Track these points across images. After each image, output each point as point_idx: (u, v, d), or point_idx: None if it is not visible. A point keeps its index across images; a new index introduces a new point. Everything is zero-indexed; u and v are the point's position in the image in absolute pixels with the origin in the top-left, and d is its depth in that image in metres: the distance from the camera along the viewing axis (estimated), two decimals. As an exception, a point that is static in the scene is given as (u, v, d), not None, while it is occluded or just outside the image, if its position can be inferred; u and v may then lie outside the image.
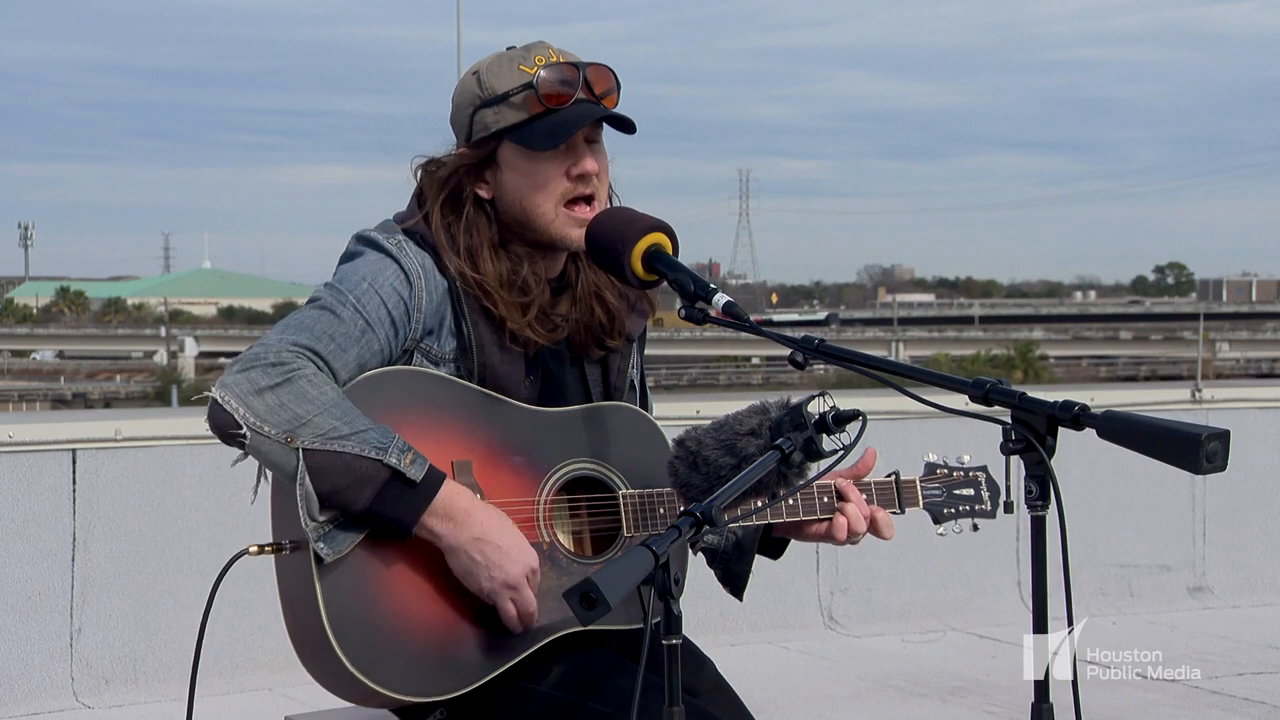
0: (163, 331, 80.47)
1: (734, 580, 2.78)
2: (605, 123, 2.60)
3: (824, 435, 2.27)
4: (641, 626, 2.56)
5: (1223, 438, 2.04)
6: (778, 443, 2.25)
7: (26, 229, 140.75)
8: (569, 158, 2.57)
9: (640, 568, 1.95)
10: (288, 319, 2.50)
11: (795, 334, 2.37)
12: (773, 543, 2.80)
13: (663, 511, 2.60)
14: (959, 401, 2.25)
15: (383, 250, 2.55)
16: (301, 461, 2.37)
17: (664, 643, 2.03)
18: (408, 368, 2.55)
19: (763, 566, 2.82)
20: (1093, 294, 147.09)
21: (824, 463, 2.27)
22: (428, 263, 2.55)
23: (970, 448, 2.93)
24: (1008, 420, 2.16)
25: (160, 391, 55.63)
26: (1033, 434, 2.13)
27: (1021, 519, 4.16)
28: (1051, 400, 2.14)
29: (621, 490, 2.61)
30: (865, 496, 2.72)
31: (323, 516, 2.39)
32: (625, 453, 2.64)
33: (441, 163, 2.63)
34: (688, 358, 68.06)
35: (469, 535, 2.43)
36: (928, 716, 5.11)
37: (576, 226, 2.58)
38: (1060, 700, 2.14)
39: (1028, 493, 2.14)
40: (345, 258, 2.60)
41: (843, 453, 2.26)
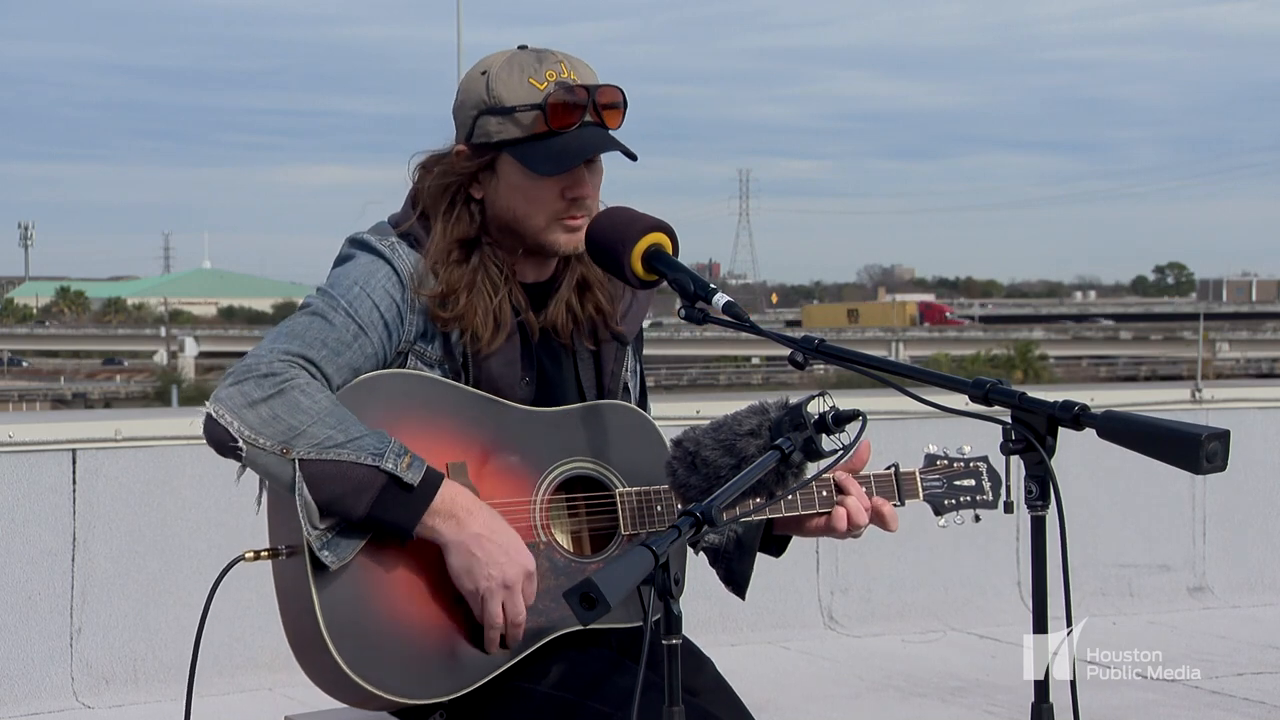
0: (163, 331, 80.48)
1: (736, 579, 2.78)
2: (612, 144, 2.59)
3: (824, 435, 2.27)
4: (641, 625, 2.56)
5: (1223, 438, 2.04)
6: (777, 443, 2.25)
7: (26, 229, 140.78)
8: (566, 180, 2.56)
9: (640, 568, 1.95)
10: (279, 327, 2.50)
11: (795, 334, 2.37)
12: (774, 540, 2.80)
13: (660, 509, 2.60)
14: (959, 401, 2.25)
15: (375, 252, 2.55)
16: (298, 472, 2.37)
17: (664, 642, 2.03)
18: (401, 370, 2.54)
19: (763, 566, 2.81)
20: (1093, 294, 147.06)
21: (823, 462, 2.27)
22: (421, 264, 2.55)
23: (971, 448, 2.92)
24: (1008, 420, 2.16)
25: (160, 391, 55.64)
26: (1033, 434, 2.13)
27: (1021, 519, 4.16)
28: (1051, 400, 2.14)
29: (618, 488, 2.61)
30: (865, 489, 2.72)
31: (324, 524, 2.39)
32: (622, 451, 2.64)
33: (439, 160, 2.63)
34: (687, 358, 68.05)
35: (471, 532, 2.43)
36: (928, 716, 5.11)
37: (565, 232, 2.58)
38: (1060, 700, 2.14)
39: (1028, 493, 2.14)
40: (338, 261, 2.60)
41: (842, 453, 2.26)
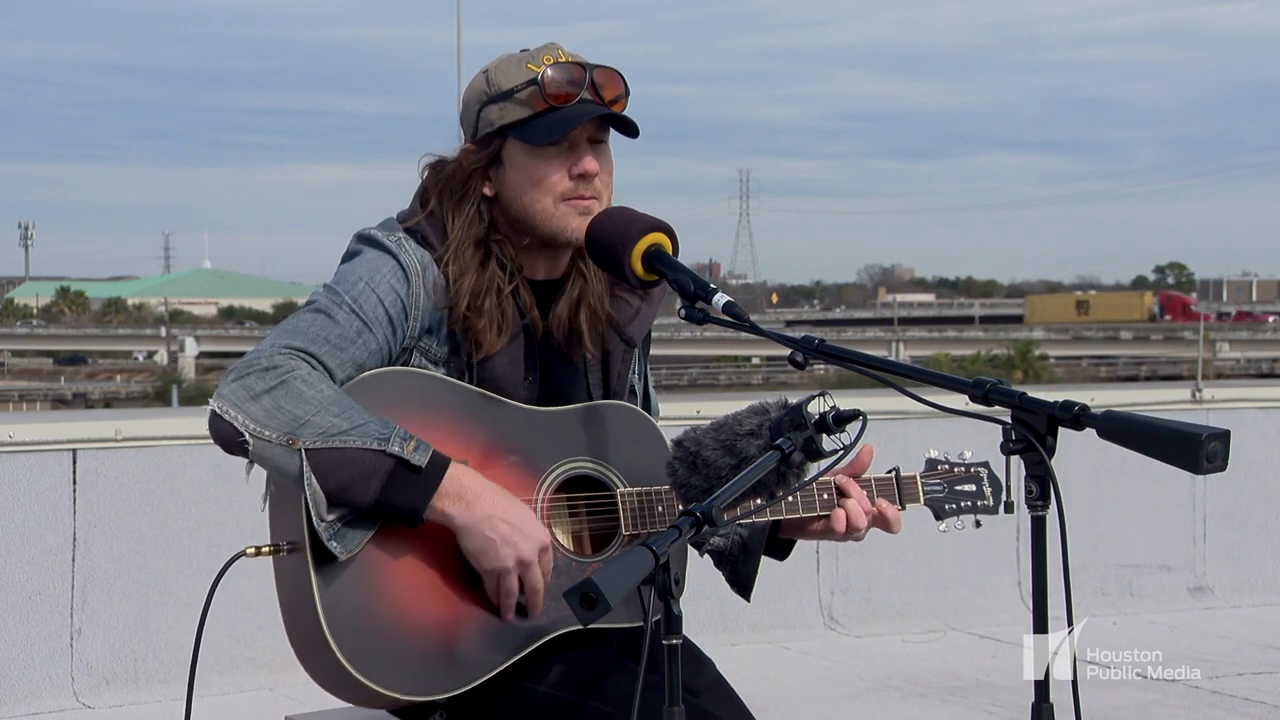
0: (163, 331, 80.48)
1: (741, 581, 2.78)
2: (608, 124, 2.60)
3: (824, 435, 2.27)
4: (641, 625, 2.56)
5: (1223, 438, 2.04)
6: (778, 443, 2.25)
7: (27, 229, 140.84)
8: (570, 156, 2.56)
9: (640, 568, 1.95)
10: (282, 324, 2.50)
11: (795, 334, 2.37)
12: (779, 543, 2.80)
13: (661, 509, 2.60)
14: (959, 401, 2.25)
15: (381, 247, 2.55)
16: (305, 462, 2.36)
17: (664, 643, 2.03)
18: (404, 368, 2.55)
19: (763, 567, 2.81)
20: (1093, 294, 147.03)
21: (824, 463, 2.27)
22: (427, 260, 2.55)
23: (971, 448, 2.92)
24: (1008, 420, 2.16)
25: (161, 391, 55.64)
26: (1033, 434, 2.13)
27: (1022, 519, 4.16)
28: (1052, 400, 2.14)
29: (619, 488, 2.61)
30: (866, 492, 2.72)
31: (331, 515, 2.39)
32: (623, 451, 2.64)
33: (447, 160, 2.63)
34: (688, 358, 68.05)
35: (481, 514, 2.43)
36: (928, 716, 5.11)
37: (577, 216, 2.57)
38: (1060, 700, 2.14)
39: (1028, 493, 2.14)
40: (345, 257, 2.60)
41: (843, 453, 2.26)
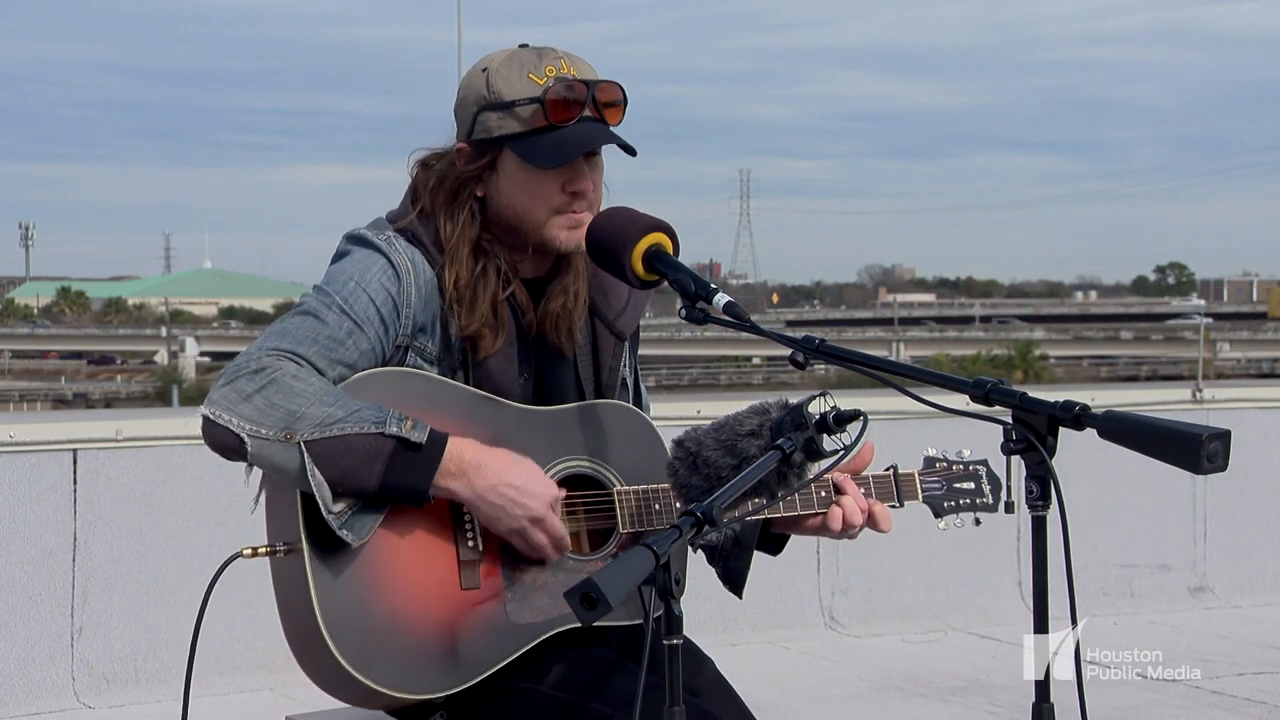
0: (164, 331, 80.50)
1: (733, 577, 2.78)
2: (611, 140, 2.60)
3: (825, 435, 2.27)
4: (641, 623, 2.56)
5: (1224, 438, 2.04)
6: (778, 443, 2.25)
7: (27, 229, 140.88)
8: (566, 174, 2.57)
9: (641, 568, 1.95)
10: (270, 327, 2.52)
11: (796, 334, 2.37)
12: (772, 538, 2.80)
13: (658, 507, 2.60)
14: (960, 402, 2.25)
15: (371, 246, 2.56)
16: (305, 454, 2.37)
17: (665, 643, 2.03)
18: (398, 369, 2.55)
19: (763, 566, 2.81)
20: (1093, 294, 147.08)
21: (824, 462, 2.27)
22: (417, 258, 2.55)
23: (971, 448, 2.92)
24: (1008, 420, 2.16)
25: (161, 391, 55.68)
26: (1033, 434, 2.13)
27: (1022, 519, 4.16)
28: (1052, 400, 2.14)
29: (616, 487, 2.61)
30: (863, 490, 2.71)
31: (339, 506, 2.39)
32: (619, 450, 2.64)
33: (439, 157, 2.63)
34: (688, 358, 68.08)
35: (485, 484, 2.44)
36: (928, 716, 5.11)
37: (567, 229, 2.58)
38: (1061, 701, 2.14)
39: (1029, 493, 2.14)
40: (335, 258, 2.61)
41: (844, 453, 2.26)
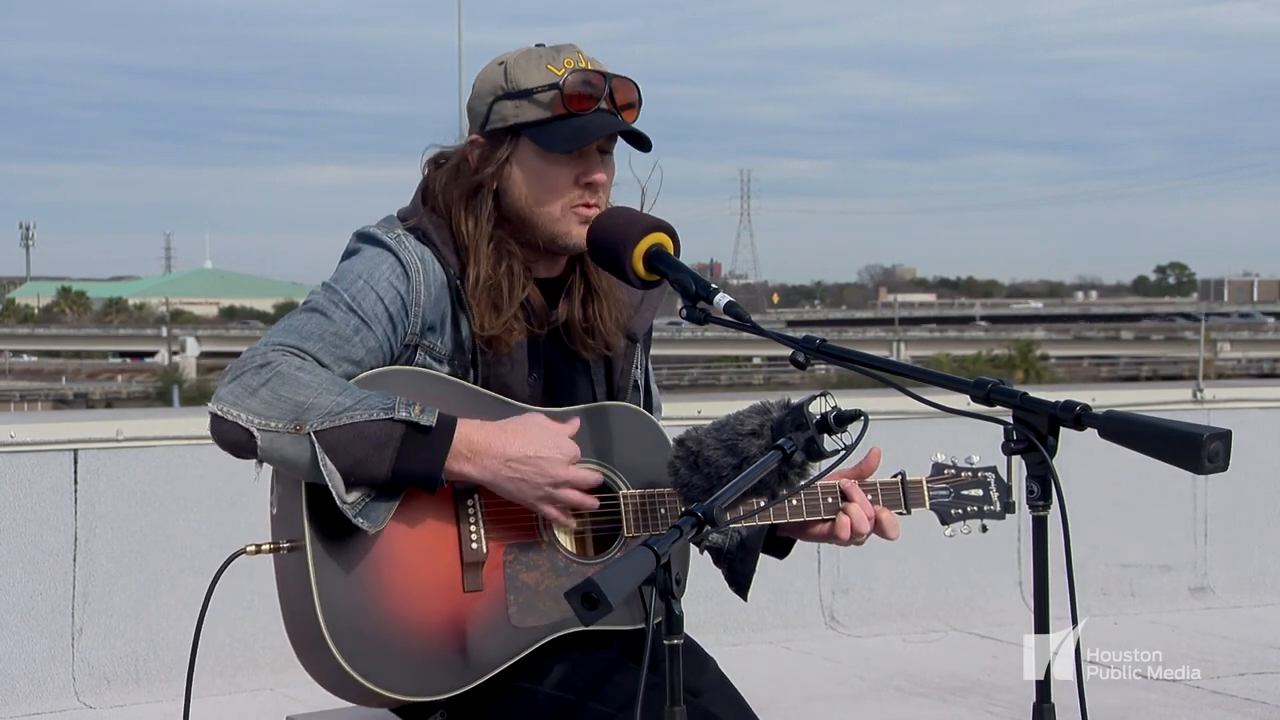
0: (164, 332, 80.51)
1: (739, 580, 2.78)
2: (625, 137, 2.60)
3: (825, 435, 2.27)
4: (643, 626, 2.56)
5: (1224, 438, 2.04)
6: (779, 443, 2.25)
7: (28, 229, 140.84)
8: (581, 165, 2.57)
9: (642, 568, 1.95)
10: (277, 324, 2.52)
11: (796, 334, 2.37)
12: (778, 542, 2.79)
13: (664, 511, 2.60)
14: (960, 401, 2.24)
15: (380, 244, 2.55)
16: (316, 445, 2.36)
17: (665, 643, 2.03)
18: (407, 368, 2.54)
19: (764, 566, 2.81)
20: (1094, 294, 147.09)
21: (825, 463, 2.27)
22: (427, 256, 2.55)
23: (972, 448, 2.92)
24: (1009, 420, 2.16)
25: (162, 392, 55.69)
26: (1034, 434, 2.13)
27: (1023, 519, 4.16)
28: (1053, 400, 2.14)
29: (622, 490, 2.61)
30: (870, 497, 2.71)
31: (353, 496, 2.39)
32: (626, 452, 2.63)
33: (451, 154, 2.63)
34: (689, 358, 68.07)
35: (498, 462, 2.44)
36: (929, 716, 5.11)
37: (579, 223, 2.58)
38: (1062, 701, 2.14)
39: (1029, 493, 2.14)
40: (345, 255, 2.60)
41: (844, 453, 2.26)
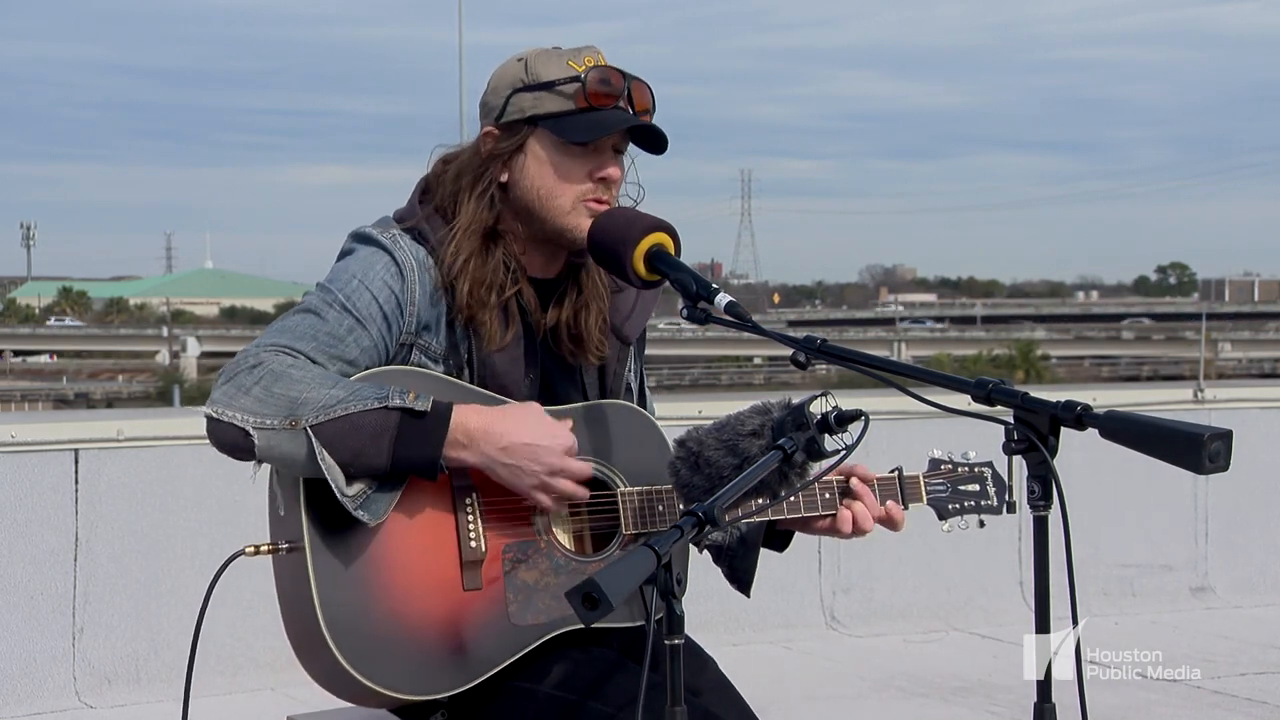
0: (165, 331, 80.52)
1: (740, 576, 2.78)
2: (638, 140, 2.61)
3: (826, 435, 2.27)
4: (643, 624, 2.56)
5: (1225, 438, 2.04)
6: (780, 443, 2.25)
7: (28, 229, 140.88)
8: (595, 159, 2.57)
9: (642, 567, 1.95)
10: (271, 325, 2.52)
11: (797, 334, 2.37)
12: (778, 536, 2.80)
13: (662, 509, 2.60)
14: (961, 401, 2.25)
15: (376, 244, 2.56)
16: (314, 439, 2.36)
17: (666, 643, 2.03)
18: (404, 367, 2.54)
19: (765, 566, 2.81)
20: (1095, 294, 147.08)
21: (825, 462, 2.27)
22: (422, 255, 2.56)
23: (972, 448, 2.92)
24: (1010, 420, 2.16)
25: (162, 392, 55.67)
26: (1035, 434, 2.13)
27: (1024, 519, 4.16)
28: (1054, 400, 2.14)
29: (620, 488, 2.61)
30: (873, 494, 2.72)
31: (353, 489, 2.39)
32: (624, 451, 2.64)
33: (459, 151, 2.64)
34: (690, 358, 68.08)
35: (494, 448, 2.44)
36: (929, 716, 5.10)
37: (587, 217, 2.58)
38: (1062, 701, 2.14)
39: (1030, 492, 2.14)
40: (340, 256, 2.61)
41: (845, 452, 2.26)
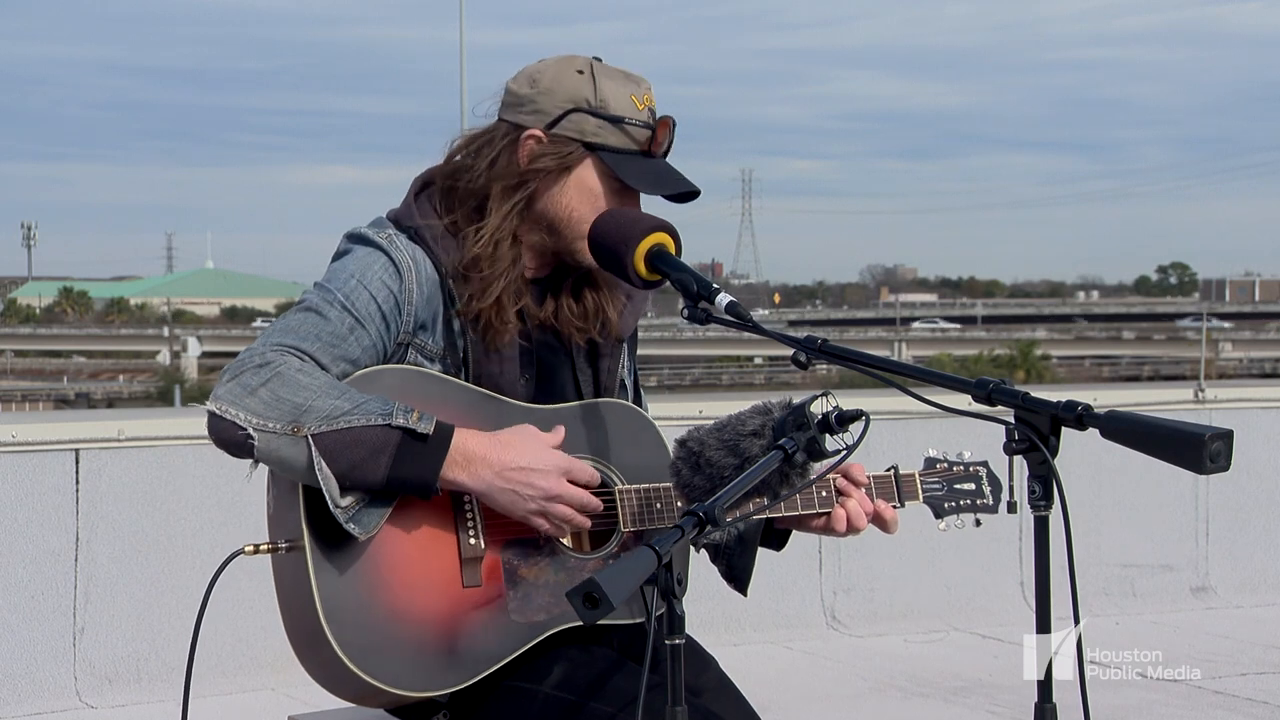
0: (166, 331, 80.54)
1: (738, 575, 2.79)
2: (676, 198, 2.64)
3: (827, 435, 2.27)
4: (643, 622, 2.56)
5: (1226, 438, 2.04)
6: (780, 443, 2.25)
7: (29, 229, 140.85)
8: (624, 199, 2.60)
9: (643, 567, 1.95)
10: (273, 324, 2.52)
11: (799, 334, 2.37)
12: (775, 534, 2.80)
13: (659, 506, 2.60)
14: (962, 401, 2.25)
15: (372, 244, 2.56)
16: (313, 448, 2.37)
17: (667, 643, 2.03)
18: (401, 366, 2.55)
19: (765, 566, 2.81)
20: (1095, 294, 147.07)
21: (826, 462, 2.27)
22: (419, 255, 2.56)
23: (973, 448, 2.93)
24: (1011, 420, 2.16)
25: (163, 391, 55.71)
26: (1036, 434, 2.13)
27: (1024, 519, 4.16)
28: (1054, 400, 2.14)
29: (618, 485, 2.61)
30: (865, 491, 2.72)
31: (346, 500, 2.40)
32: (621, 449, 2.64)
33: (484, 136, 2.62)
34: (690, 358, 68.12)
35: (492, 471, 2.45)
36: (930, 717, 5.11)
37: None
38: (1063, 701, 2.14)
39: (1031, 493, 2.14)
40: (335, 256, 2.61)
41: (846, 452, 2.26)
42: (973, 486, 2.84)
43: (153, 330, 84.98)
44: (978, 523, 2.84)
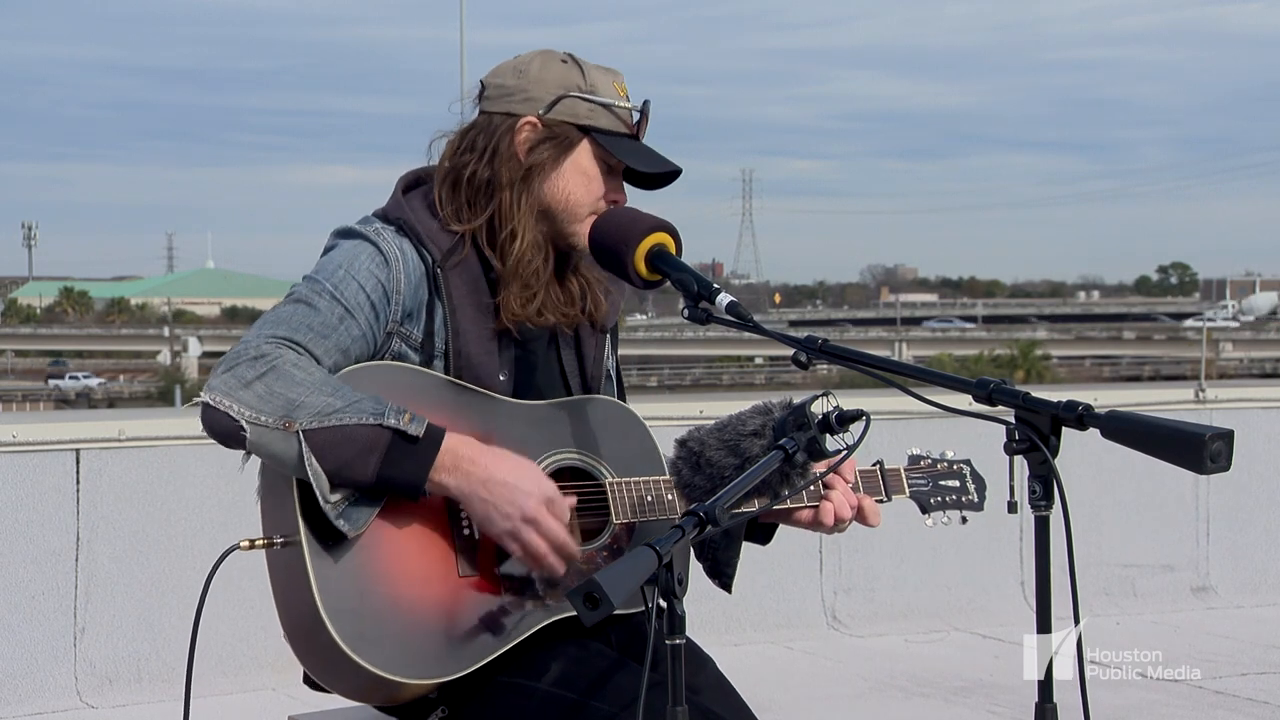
0: (166, 331, 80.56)
1: (722, 569, 2.77)
2: (652, 181, 2.69)
3: (827, 435, 2.27)
4: (640, 613, 2.57)
5: (1226, 438, 2.04)
6: (781, 443, 2.25)
7: (30, 229, 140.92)
8: (614, 181, 2.65)
9: (644, 567, 1.95)
10: (264, 316, 2.54)
11: (799, 334, 2.37)
12: (760, 528, 2.80)
13: (650, 498, 2.61)
14: (963, 401, 2.25)
15: (359, 236, 2.58)
16: (304, 444, 2.38)
17: (668, 643, 2.03)
18: (387, 363, 2.56)
19: (766, 566, 2.82)
20: (1096, 294, 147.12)
21: (827, 462, 2.27)
22: (406, 246, 2.58)
23: (973, 448, 2.93)
24: (1011, 420, 2.16)
25: (164, 391, 55.73)
26: (1036, 434, 2.13)
27: (1025, 519, 4.16)
28: (1055, 400, 2.14)
29: (608, 479, 2.62)
30: (850, 485, 2.73)
31: (336, 496, 2.40)
32: (608, 443, 2.66)
33: (478, 129, 2.64)
34: (691, 358, 68.09)
35: (477, 480, 2.45)
36: (931, 717, 5.11)
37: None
38: (1064, 701, 2.14)
39: (1031, 493, 2.14)
40: (323, 252, 2.63)
41: (846, 452, 2.26)
42: (957, 484, 2.86)
43: (153, 330, 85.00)
44: (964, 520, 2.86)
